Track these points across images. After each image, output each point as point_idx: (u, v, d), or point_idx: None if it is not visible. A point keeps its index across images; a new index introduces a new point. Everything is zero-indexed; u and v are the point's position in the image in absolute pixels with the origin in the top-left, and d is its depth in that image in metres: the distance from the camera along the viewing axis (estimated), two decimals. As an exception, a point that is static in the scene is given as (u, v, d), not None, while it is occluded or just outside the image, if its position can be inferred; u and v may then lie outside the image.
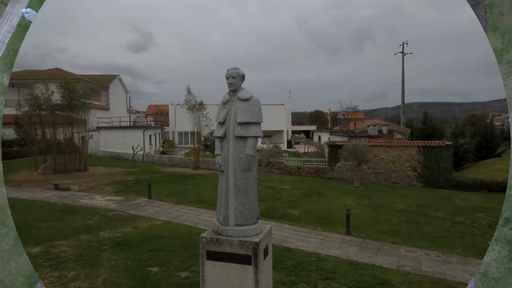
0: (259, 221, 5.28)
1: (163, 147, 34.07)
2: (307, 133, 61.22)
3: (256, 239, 4.91)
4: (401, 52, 41.60)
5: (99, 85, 39.40)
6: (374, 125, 43.46)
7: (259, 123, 5.09)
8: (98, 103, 39.62)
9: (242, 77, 5.18)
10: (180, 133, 50.38)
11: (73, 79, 20.03)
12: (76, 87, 18.83)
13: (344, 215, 12.15)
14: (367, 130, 42.21)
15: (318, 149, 30.41)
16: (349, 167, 21.33)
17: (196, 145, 26.03)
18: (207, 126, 25.18)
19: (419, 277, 7.52)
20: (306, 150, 32.77)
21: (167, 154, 31.04)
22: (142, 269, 7.17)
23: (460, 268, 8.10)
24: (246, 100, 5.06)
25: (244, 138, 5.02)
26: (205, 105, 24.61)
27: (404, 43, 41.49)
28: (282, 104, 50.52)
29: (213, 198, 14.68)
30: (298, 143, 42.97)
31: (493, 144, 28.13)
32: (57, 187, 15.70)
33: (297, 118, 72.55)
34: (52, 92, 18.11)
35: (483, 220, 12.01)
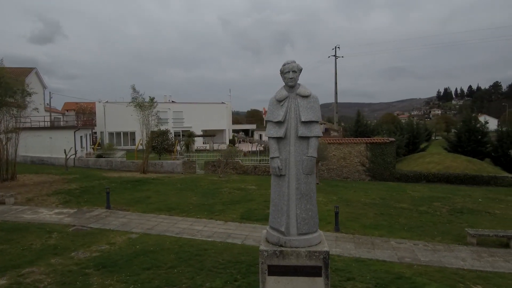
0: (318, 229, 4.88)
1: (97, 149, 30.75)
2: (247, 132, 61.51)
3: (325, 248, 4.51)
4: (333, 56, 44.34)
5: (13, 79, 33.93)
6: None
7: (318, 122, 4.69)
8: (11, 99, 34.15)
9: (300, 71, 4.72)
10: (111, 134, 46.30)
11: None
12: (13, 83, 15.76)
13: (323, 212, 12.36)
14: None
15: (265, 148, 30.64)
16: (305, 165, 21.87)
17: (144, 147, 23.96)
18: (156, 125, 23.36)
19: (423, 267, 7.89)
20: (254, 149, 32.76)
21: (104, 157, 28.08)
22: (151, 293, 6.19)
23: (450, 255, 8.73)
24: (307, 96, 4.62)
25: (307, 138, 4.58)
26: (155, 102, 22.81)
27: (336, 46, 44.29)
28: (223, 102, 49.90)
29: (182, 204, 13.74)
30: (240, 142, 42.83)
31: (419, 140, 31.83)
32: (-15, 202, 12.94)
33: (233, 117, 72.57)
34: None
35: (442, 209, 13.27)
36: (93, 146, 34.42)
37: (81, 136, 30.27)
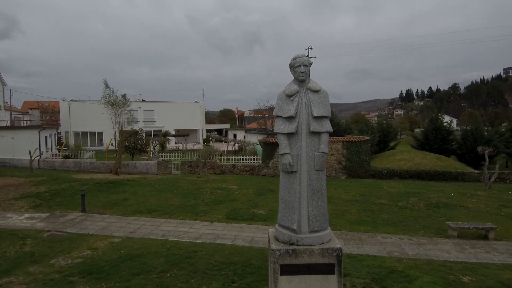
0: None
1: (64, 150, 29.09)
2: (220, 132, 60.86)
3: (338, 245, 4.47)
4: (306, 56, 44.93)
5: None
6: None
7: (328, 118, 4.63)
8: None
9: (311, 65, 4.65)
10: (77, 134, 44.12)
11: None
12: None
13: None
14: (281, 127, 44.19)
15: (244, 147, 30.49)
16: (283, 163, 21.96)
17: (116, 147, 22.95)
18: (129, 124, 22.44)
19: (412, 261, 8.08)
20: (230, 149, 32.46)
21: (72, 158, 26.65)
22: (147, 299, 5.86)
23: (435, 248, 9.02)
24: (318, 91, 4.55)
25: (318, 133, 4.50)
26: (128, 99, 21.90)
27: (309, 47, 44.93)
28: (196, 102, 48.97)
29: (163, 205, 13.27)
30: (213, 141, 42.27)
31: (389, 138, 33.05)
32: None
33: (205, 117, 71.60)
34: None
35: (419, 204, 13.76)
36: (58, 147, 32.60)
37: (46, 136, 28.55)
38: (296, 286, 4.36)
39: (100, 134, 44.48)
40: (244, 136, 48.31)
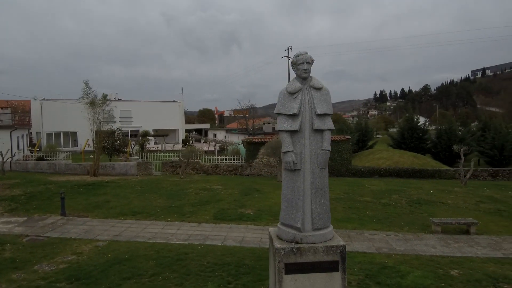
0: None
1: (37, 151, 27.82)
2: (200, 132, 60.15)
3: (341, 242, 4.49)
4: (286, 56, 45.28)
5: None
6: (269, 123, 46.38)
7: (330, 115, 4.65)
8: None
9: (313, 62, 4.65)
10: (49, 134, 42.34)
11: None
12: None
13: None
14: (262, 127, 44.63)
15: (225, 147, 30.30)
16: (266, 163, 21.99)
17: (94, 147, 22.17)
18: (108, 124, 21.75)
19: (401, 256, 8.28)
20: (212, 149, 32.15)
21: (46, 159, 25.55)
22: (141, 304, 5.67)
23: (421, 243, 9.28)
24: (320, 89, 4.56)
25: (321, 131, 4.51)
26: (109, 99, 21.24)
27: (289, 48, 45.28)
28: (175, 101, 48.15)
29: (148, 207, 12.95)
30: (193, 141, 41.75)
31: (367, 138, 33.85)
32: None
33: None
34: None
35: (401, 201, 14.14)
36: (30, 148, 31.18)
37: (17, 137, 27.20)
38: (300, 285, 4.35)
39: (74, 134, 42.98)
40: (225, 136, 48.09)
